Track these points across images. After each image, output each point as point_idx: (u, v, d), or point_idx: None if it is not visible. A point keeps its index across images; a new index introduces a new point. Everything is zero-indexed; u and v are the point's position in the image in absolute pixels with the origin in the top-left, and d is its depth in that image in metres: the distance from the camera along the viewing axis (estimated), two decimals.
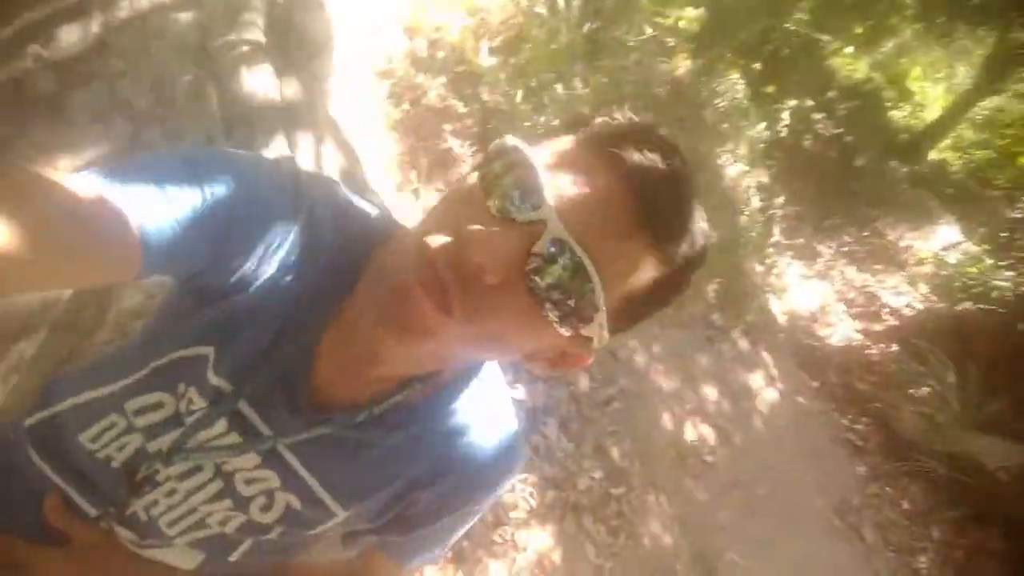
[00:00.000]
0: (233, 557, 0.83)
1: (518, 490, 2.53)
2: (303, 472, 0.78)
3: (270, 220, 0.71)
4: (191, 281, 0.73)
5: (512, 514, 2.48)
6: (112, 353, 0.86)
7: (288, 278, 0.73)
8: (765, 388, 4.22)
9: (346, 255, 0.74)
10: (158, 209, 0.61)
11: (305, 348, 0.74)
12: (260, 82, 1.38)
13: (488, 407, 0.86)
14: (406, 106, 3.10)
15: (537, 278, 0.61)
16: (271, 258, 0.72)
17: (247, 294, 0.73)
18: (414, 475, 0.82)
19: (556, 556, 2.48)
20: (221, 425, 0.75)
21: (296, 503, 0.79)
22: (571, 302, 0.62)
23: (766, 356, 4.44)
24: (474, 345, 0.66)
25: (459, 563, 2.25)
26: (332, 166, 1.73)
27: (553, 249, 0.60)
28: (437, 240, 0.61)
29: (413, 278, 0.60)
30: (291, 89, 1.47)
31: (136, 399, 0.77)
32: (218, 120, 1.29)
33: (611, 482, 2.85)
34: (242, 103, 1.33)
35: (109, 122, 1.24)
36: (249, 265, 0.71)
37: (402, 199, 2.93)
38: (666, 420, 3.35)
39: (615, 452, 2.96)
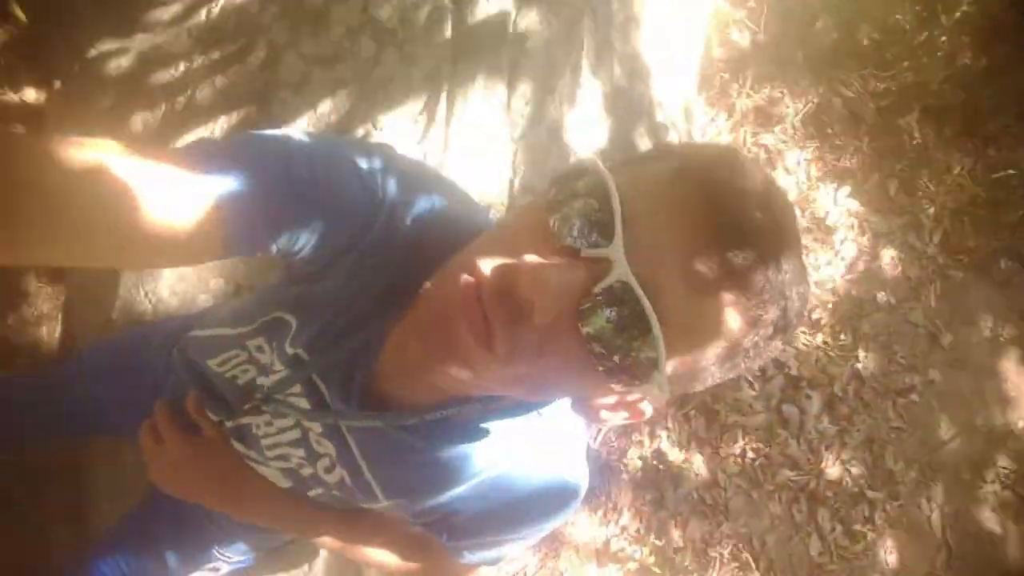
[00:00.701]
0: (311, 494, 0.91)
1: (748, 457, 2.34)
2: (357, 454, 0.82)
3: (346, 218, 0.70)
4: (280, 259, 0.77)
5: (735, 480, 2.32)
6: (243, 301, 0.96)
7: (363, 272, 0.73)
8: None
9: (421, 257, 0.71)
10: (242, 195, 0.62)
11: (372, 342, 0.75)
12: (496, 18, 1.31)
13: (547, 444, 0.82)
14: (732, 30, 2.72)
15: (590, 324, 0.53)
16: (348, 253, 0.72)
17: (325, 282, 0.75)
18: (455, 492, 0.82)
19: (769, 538, 2.29)
20: (297, 388, 0.81)
21: (348, 479, 0.85)
22: (622, 357, 0.53)
23: None
24: (514, 385, 0.60)
25: (657, 509, 2.20)
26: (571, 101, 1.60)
27: (614, 294, 0.51)
28: (489, 264, 0.55)
29: (457, 305, 0.56)
30: (531, 22, 1.38)
31: (251, 341, 0.87)
32: (449, 51, 1.28)
33: (871, 483, 2.48)
34: (473, 37, 1.29)
35: (356, 39, 1.30)
36: (323, 257, 0.72)
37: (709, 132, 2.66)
38: (979, 432, 2.72)
39: (889, 451, 2.54)
